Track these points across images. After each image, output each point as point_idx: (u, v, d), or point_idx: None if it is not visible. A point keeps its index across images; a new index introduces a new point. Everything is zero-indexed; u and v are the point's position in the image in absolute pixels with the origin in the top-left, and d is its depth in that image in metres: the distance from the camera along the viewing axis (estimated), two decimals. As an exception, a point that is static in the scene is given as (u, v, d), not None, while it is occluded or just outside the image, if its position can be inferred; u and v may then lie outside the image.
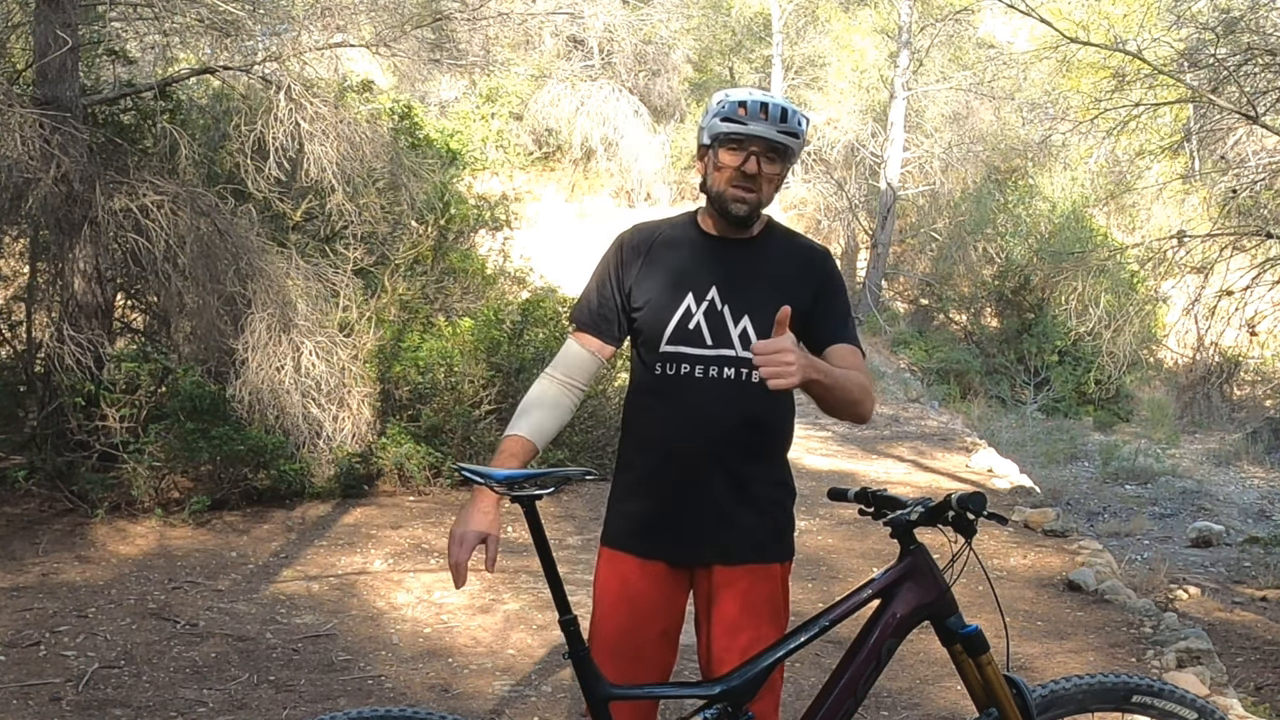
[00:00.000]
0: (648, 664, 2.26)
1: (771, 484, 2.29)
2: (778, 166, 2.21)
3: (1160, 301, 10.63)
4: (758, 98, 2.18)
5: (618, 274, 2.31)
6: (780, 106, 2.17)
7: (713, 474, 2.23)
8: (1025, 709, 2.14)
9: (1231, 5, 7.57)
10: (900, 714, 3.96)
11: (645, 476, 2.29)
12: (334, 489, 6.36)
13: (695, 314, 2.24)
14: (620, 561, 2.29)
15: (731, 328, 2.23)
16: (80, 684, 3.78)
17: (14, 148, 5.01)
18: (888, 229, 19.21)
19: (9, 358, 6.38)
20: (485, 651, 4.40)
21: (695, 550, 2.26)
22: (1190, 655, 4.55)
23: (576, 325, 2.33)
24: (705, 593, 2.28)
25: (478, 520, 2.10)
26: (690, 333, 2.23)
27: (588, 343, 2.30)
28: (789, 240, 2.34)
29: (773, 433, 2.27)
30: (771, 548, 2.27)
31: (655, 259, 2.30)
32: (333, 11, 6.46)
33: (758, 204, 2.23)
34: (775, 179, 2.22)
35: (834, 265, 2.33)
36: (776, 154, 2.20)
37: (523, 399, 2.29)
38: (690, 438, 2.22)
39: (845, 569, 5.84)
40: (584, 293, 2.37)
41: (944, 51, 20.15)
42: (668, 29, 21.22)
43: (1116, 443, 12.81)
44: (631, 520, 2.29)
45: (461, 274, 7.95)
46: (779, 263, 2.27)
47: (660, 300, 2.27)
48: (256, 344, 5.57)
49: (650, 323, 2.27)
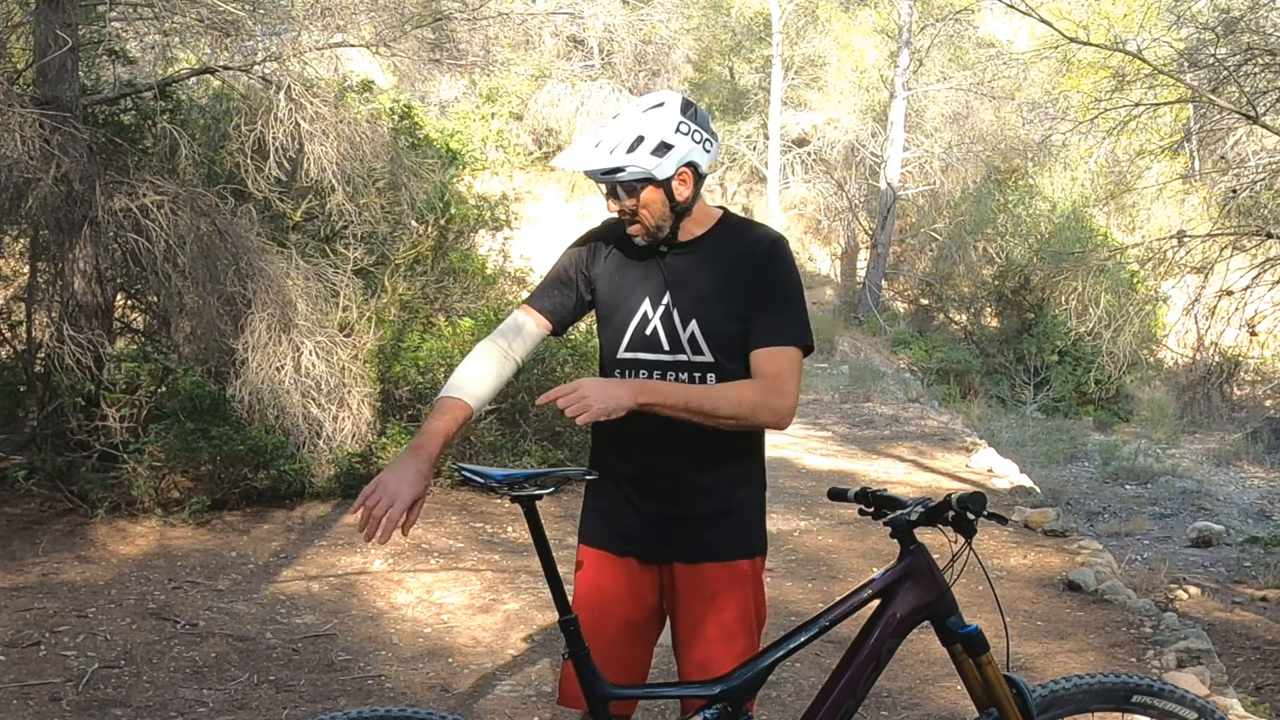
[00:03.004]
0: (616, 657, 2.24)
1: (735, 481, 2.29)
2: (633, 200, 2.18)
3: (1160, 301, 10.64)
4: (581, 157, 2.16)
5: (586, 264, 2.33)
6: (599, 168, 2.15)
7: (675, 476, 2.25)
8: (1025, 709, 2.14)
9: (1231, 5, 7.57)
10: (900, 714, 3.96)
11: (613, 477, 2.30)
12: (334, 489, 6.36)
13: (652, 319, 2.25)
14: (592, 557, 2.34)
15: (681, 332, 2.23)
16: (80, 684, 3.78)
17: (14, 148, 5.01)
18: (888, 229, 19.21)
19: (9, 358, 6.38)
20: (485, 651, 4.40)
21: (662, 549, 2.28)
22: (1190, 655, 4.55)
23: (530, 301, 2.36)
24: (672, 592, 2.29)
25: (416, 482, 2.05)
26: (648, 339, 2.25)
27: (534, 316, 2.33)
28: (738, 235, 2.29)
29: (739, 434, 2.25)
30: (737, 546, 2.28)
31: (618, 262, 2.31)
32: (333, 11, 6.45)
33: (650, 227, 2.21)
34: (652, 204, 2.19)
35: (776, 253, 2.25)
36: (625, 187, 2.18)
37: (463, 362, 2.29)
38: (651, 441, 2.23)
39: (845, 569, 5.84)
40: (547, 274, 2.39)
41: (944, 51, 20.15)
42: (668, 29, 21.21)
43: (1116, 443, 12.81)
44: (602, 518, 2.33)
45: (461, 274, 7.94)
46: (722, 263, 2.25)
47: (620, 306, 2.29)
48: (256, 344, 5.57)
49: (610, 329, 2.30)
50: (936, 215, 20.08)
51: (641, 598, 2.30)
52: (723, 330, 2.21)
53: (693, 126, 2.18)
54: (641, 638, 2.32)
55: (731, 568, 2.26)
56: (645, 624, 2.32)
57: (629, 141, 2.15)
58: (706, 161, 2.22)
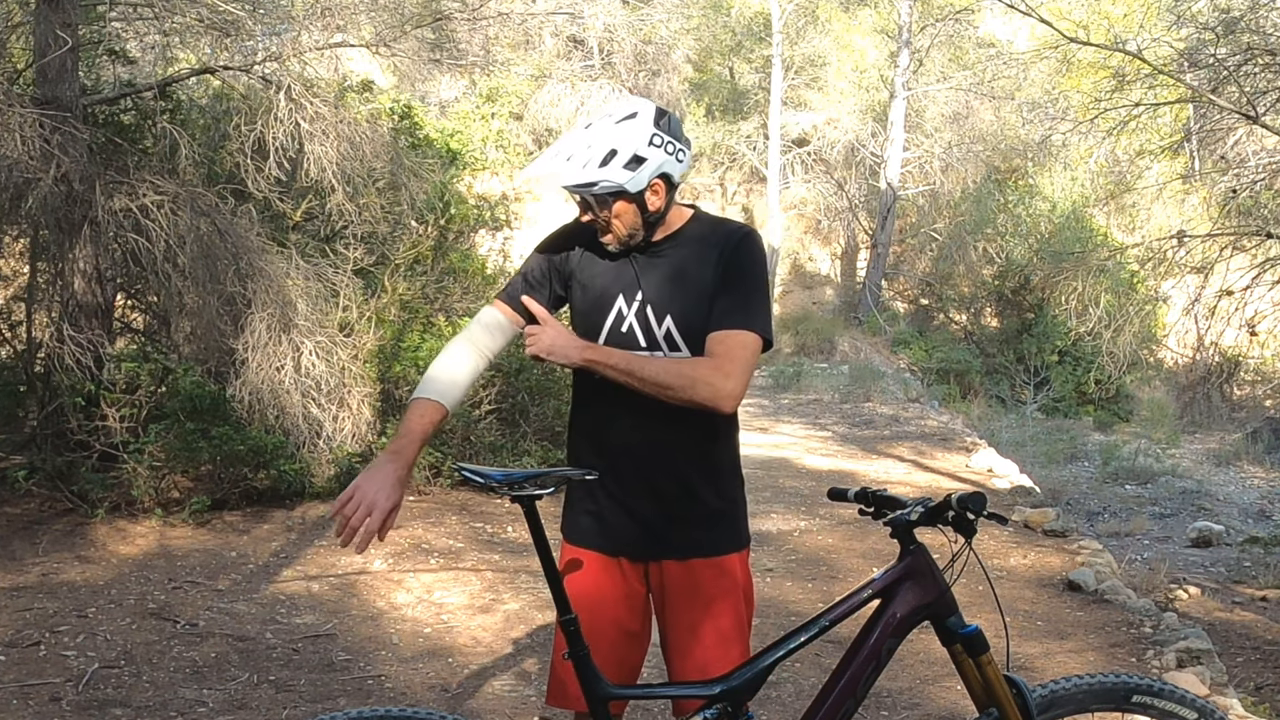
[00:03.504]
0: (611, 659, 2.23)
1: (716, 476, 2.29)
2: (606, 211, 2.19)
3: (1160, 301, 10.64)
4: (550, 169, 2.17)
5: (559, 261, 2.34)
6: (570, 183, 2.15)
7: (656, 472, 2.24)
8: (1025, 709, 2.14)
9: (1231, 5, 7.57)
10: (900, 714, 3.96)
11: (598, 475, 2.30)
12: (334, 489, 6.35)
13: (628, 316, 2.25)
14: (582, 557, 2.32)
15: (656, 329, 2.23)
16: (80, 684, 3.78)
17: (14, 148, 5.01)
18: (888, 229, 19.21)
19: (9, 358, 6.38)
20: (485, 651, 4.40)
21: (647, 547, 2.27)
22: (1190, 655, 4.55)
23: (501, 296, 2.36)
24: (660, 589, 2.29)
25: (394, 489, 2.08)
26: (624, 335, 2.25)
27: (505, 311, 2.33)
28: (710, 231, 2.29)
29: (709, 427, 2.25)
30: (722, 540, 2.28)
31: (591, 261, 2.31)
32: (333, 11, 6.45)
33: (623, 237, 2.22)
34: (623, 214, 2.19)
35: (746, 245, 2.25)
36: (597, 199, 2.18)
37: (436, 360, 2.30)
38: (629, 437, 2.23)
39: (845, 569, 5.84)
40: (519, 270, 2.39)
41: (944, 51, 20.16)
42: (668, 29, 21.21)
43: (1116, 443, 12.81)
44: (589, 518, 2.32)
45: (462, 274, 7.94)
46: (693, 258, 2.25)
47: (596, 304, 2.29)
48: (256, 344, 5.57)
49: (586, 326, 2.29)
50: (936, 215, 20.08)
51: (634, 598, 2.30)
52: (697, 325, 2.21)
53: (665, 138, 2.18)
54: (635, 639, 2.32)
55: (721, 563, 2.26)
56: (638, 625, 2.32)
57: (601, 155, 2.14)
58: (679, 171, 2.22)
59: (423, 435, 2.18)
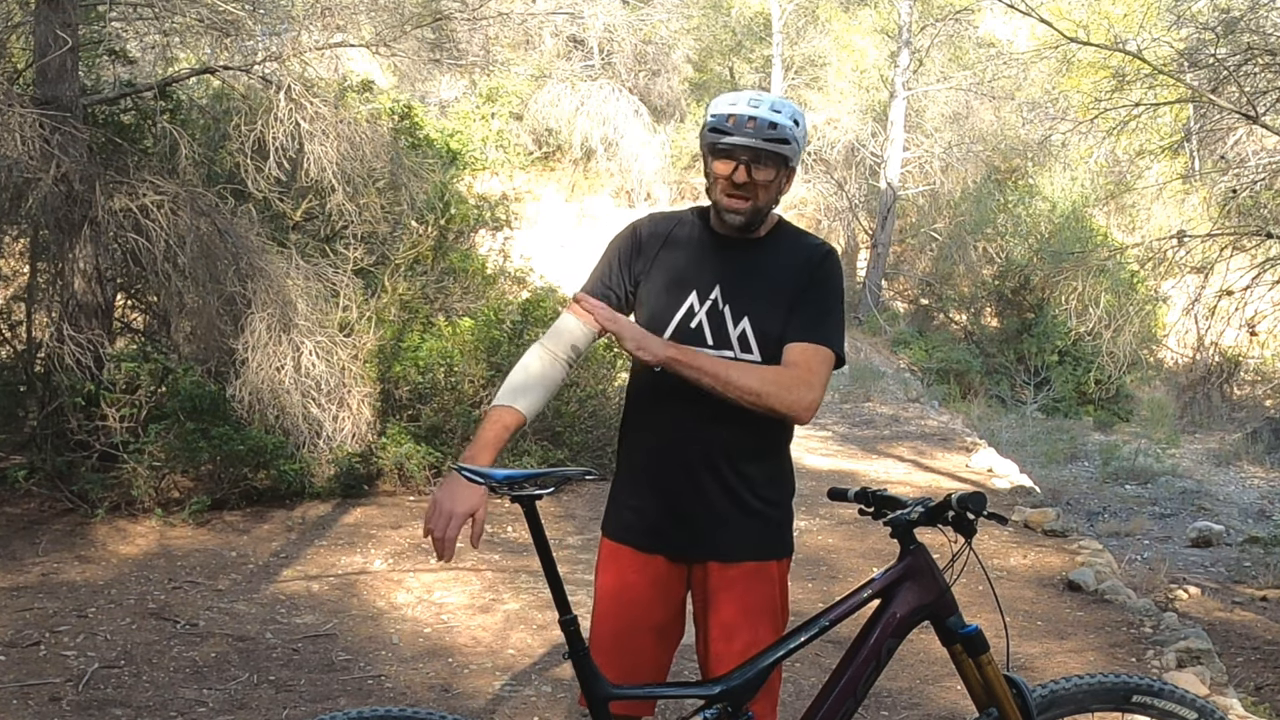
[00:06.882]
0: (640, 659, 2.25)
1: (769, 481, 2.28)
2: (770, 172, 2.17)
3: (1160, 301, 10.64)
4: (743, 110, 2.14)
5: (629, 259, 2.31)
6: (767, 119, 2.13)
7: (709, 472, 2.23)
8: (1025, 709, 2.14)
9: (1231, 5, 7.57)
10: (900, 714, 3.96)
11: (644, 472, 2.29)
12: (334, 489, 6.36)
13: (698, 313, 2.24)
14: (620, 554, 2.30)
15: (731, 329, 2.22)
16: (80, 684, 3.78)
17: (14, 148, 5.01)
18: (888, 229, 19.20)
19: (9, 358, 6.37)
20: (485, 651, 4.40)
21: (692, 547, 2.26)
22: (1190, 655, 4.55)
23: (577, 299, 2.31)
24: (702, 590, 2.27)
25: (468, 497, 2.08)
26: (691, 332, 2.23)
27: (584, 317, 2.25)
28: (795, 240, 2.31)
29: (770, 432, 2.26)
30: (769, 545, 2.27)
31: (666, 253, 2.29)
32: (333, 11, 6.46)
33: (754, 210, 2.21)
34: (770, 185, 2.19)
35: (830, 263, 2.27)
36: (769, 160, 2.17)
37: (514, 369, 2.28)
38: (687, 436, 2.22)
39: (845, 569, 5.84)
40: (592, 272, 2.36)
41: (944, 51, 20.15)
42: (668, 29, 21.22)
43: (1116, 443, 12.81)
44: (631, 514, 2.30)
45: (461, 274, 7.95)
46: (780, 264, 2.25)
47: (664, 297, 2.26)
48: (256, 344, 5.57)
49: (653, 320, 2.26)
50: (936, 215, 20.07)
51: (669, 597, 2.29)
52: (774, 332, 2.20)
53: (798, 134, 2.20)
54: (667, 639, 2.30)
55: (766, 567, 2.25)
56: (671, 624, 2.30)
57: (792, 115, 2.16)
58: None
59: (496, 441, 2.16)
